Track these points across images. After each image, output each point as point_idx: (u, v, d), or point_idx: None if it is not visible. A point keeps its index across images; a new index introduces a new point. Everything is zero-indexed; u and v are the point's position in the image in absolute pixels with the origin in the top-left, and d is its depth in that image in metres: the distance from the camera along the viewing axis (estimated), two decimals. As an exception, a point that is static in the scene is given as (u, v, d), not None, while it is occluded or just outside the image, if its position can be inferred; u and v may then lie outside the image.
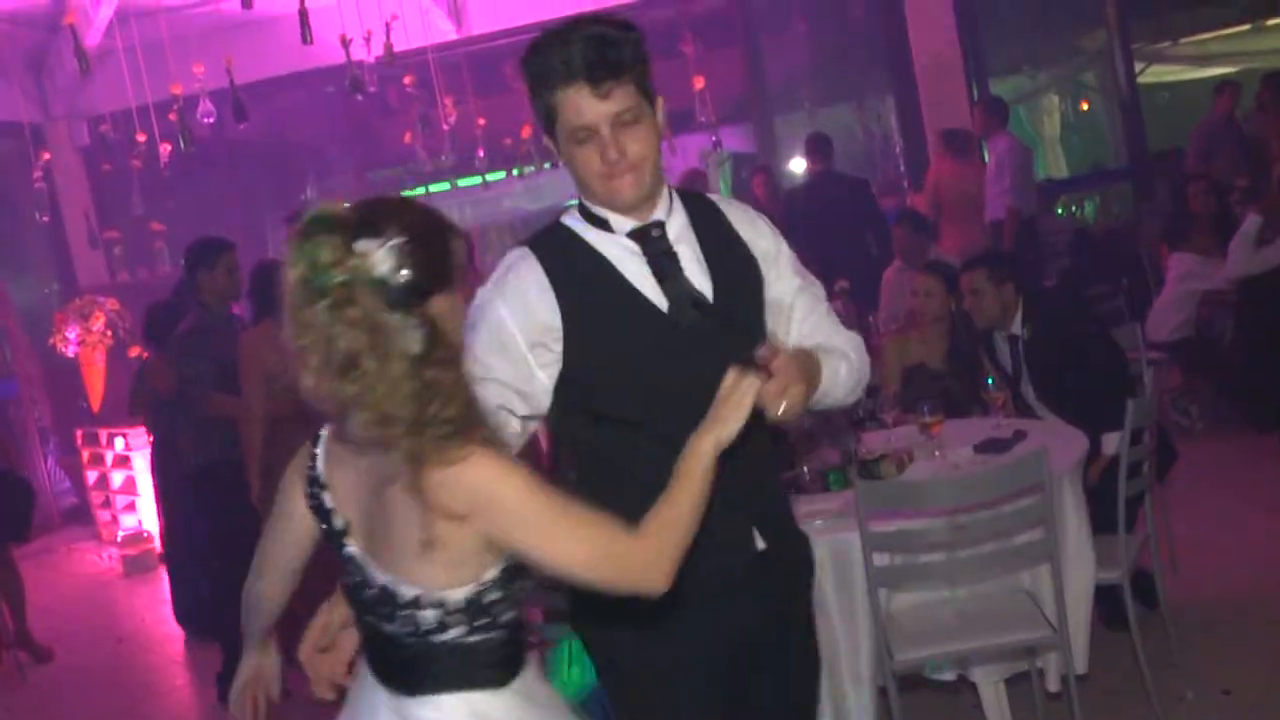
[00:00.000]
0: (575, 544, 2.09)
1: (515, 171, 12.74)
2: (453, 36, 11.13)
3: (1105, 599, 4.46)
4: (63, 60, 11.24)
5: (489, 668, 2.22)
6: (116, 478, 9.78)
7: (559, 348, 2.56)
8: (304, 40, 8.54)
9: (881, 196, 10.60)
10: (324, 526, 2.26)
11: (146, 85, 9.38)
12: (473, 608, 2.15)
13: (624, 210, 2.55)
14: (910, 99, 10.97)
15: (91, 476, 10.17)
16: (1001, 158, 9.03)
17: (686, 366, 2.50)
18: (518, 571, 2.18)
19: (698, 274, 2.59)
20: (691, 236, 2.62)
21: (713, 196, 2.75)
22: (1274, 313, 6.78)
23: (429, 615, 2.15)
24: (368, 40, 9.42)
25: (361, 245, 2.03)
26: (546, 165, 12.61)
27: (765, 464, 2.72)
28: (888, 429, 4.85)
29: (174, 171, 9.92)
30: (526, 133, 11.67)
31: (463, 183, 12.83)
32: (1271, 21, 14.80)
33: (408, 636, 2.17)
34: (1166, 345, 7.39)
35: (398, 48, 9.70)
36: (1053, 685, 4.15)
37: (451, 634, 2.16)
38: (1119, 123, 11.97)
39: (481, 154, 11.33)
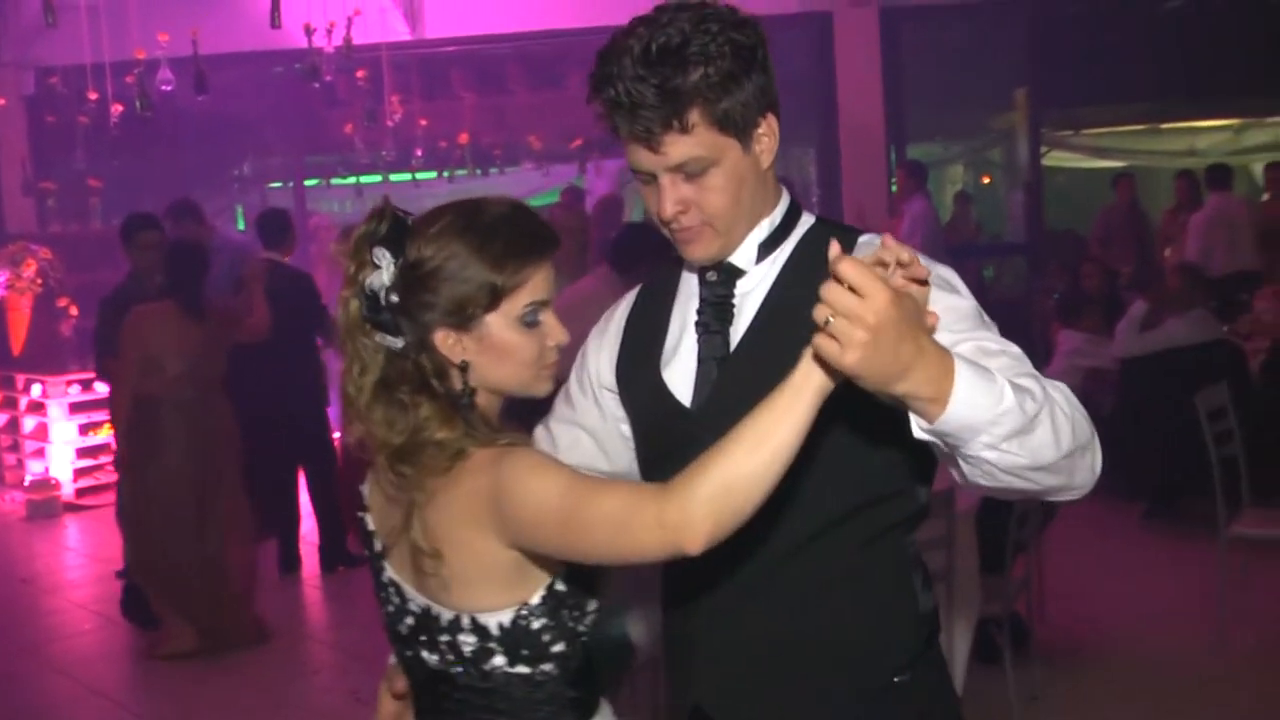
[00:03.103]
0: (595, 524, 1.72)
1: (446, 174, 12.88)
2: (407, 38, 11.26)
3: (978, 636, 4.73)
4: (19, 8, 11.18)
5: (542, 708, 1.94)
6: (28, 423, 9.72)
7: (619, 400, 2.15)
8: (273, 24, 8.67)
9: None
10: (367, 551, 2.04)
11: (105, 45, 9.39)
12: (513, 636, 1.89)
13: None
14: (832, 153, 11.35)
15: (1, 419, 10.10)
16: (915, 218, 9.43)
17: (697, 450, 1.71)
18: (566, 599, 1.90)
19: (753, 339, 1.97)
20: (766, 287, 1.97)
21: (867, 239, 1.96)
22: (1152, 392, 7.16)
23: (469, 641, 1.90)
24: (330, 31, 9.53)
25: (378, 254, 1.90)
26: (478, 171, 12.81)
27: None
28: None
29: (120, 132, 9.93)
30: (464, 139, 11.89)
31: (394, 178, 12.94)
32: (1166, 125, 15.54)
33: (452, 668, 1.94)
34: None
35: (355, 42, 9.82)
36: (931, 705, 4.43)
37: (495, 664, 1.91)
38: (1019, 199, 12.47)
39: (420, 153, 11.52)
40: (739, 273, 1.98)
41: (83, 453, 9.37)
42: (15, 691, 5.84)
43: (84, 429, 9.37)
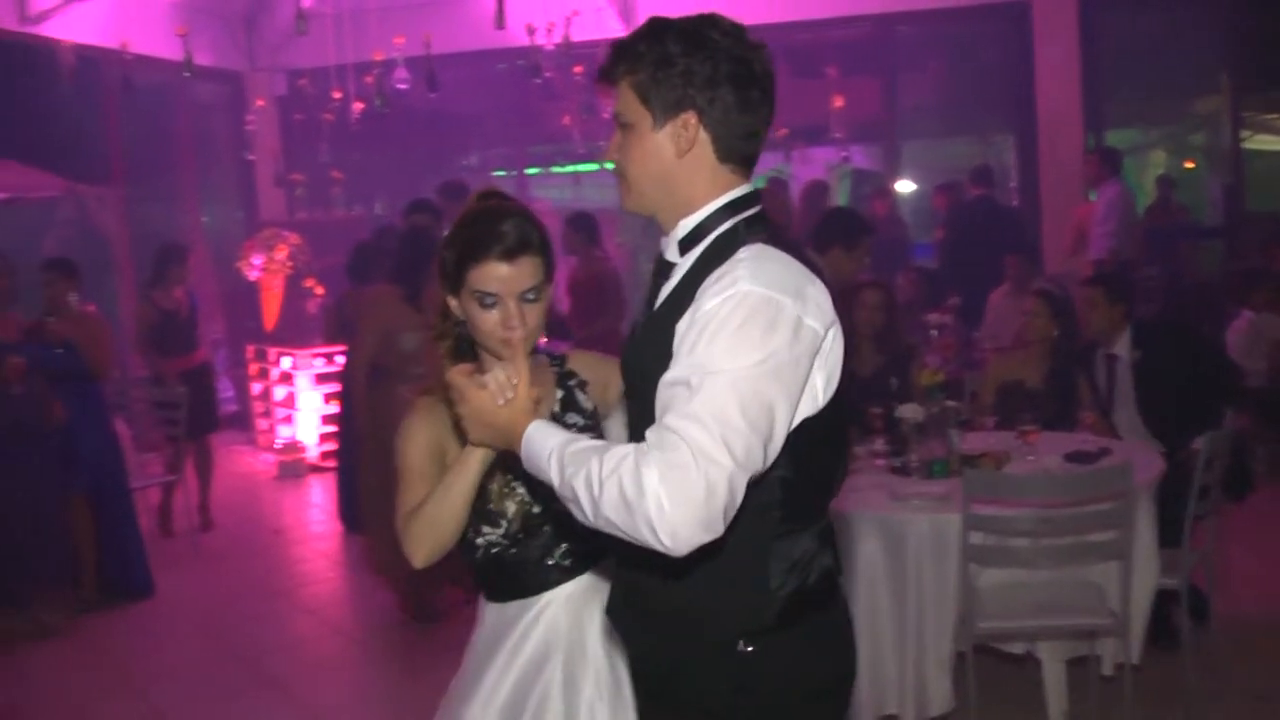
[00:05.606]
0: (399, 507, 2.40)
1: (659, 162, 13.09)
2: (621, 35, 11.49)
3: (1155, 611, 4.64)
4: (273, 17, 11.85)
5: (482, 577, 2.57)
6: (279, 392, 10.32)
7: None
8: (498, 25, 8.99)
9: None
10: None
11: (348, 49, 9.90)
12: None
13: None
14: (1030, 140, 11.19)
15: (255, 388, 10.75)
16: (1110, 203, 9.24)
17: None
18: (472, 519, 2.41)
19: (647, 323, 2.18)
20: (678, 279, 2.12)
21: (744, 252, 2.02)
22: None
23: None
24: (550, 30, 9.84)
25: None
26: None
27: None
28: (987, 431, 5.21)
29: (360, 128, 10.45)
30: (675, 128, 12.07)
31: (610, 165, 13.22)
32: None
33: None
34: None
35: (573, 40, 10.12)
36: (1107, 670, 4.43)
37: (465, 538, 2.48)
38: (1219, 183, 12.09)
39: (634, 144, 11.76)
40: (670, 265, 2.17)
41: (326, 419, 9.90)
42: (270, 626, 6.30)
43: (328, 398, 9.88)
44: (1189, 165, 15.36)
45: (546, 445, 1.98)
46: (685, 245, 2.13)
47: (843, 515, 4.30)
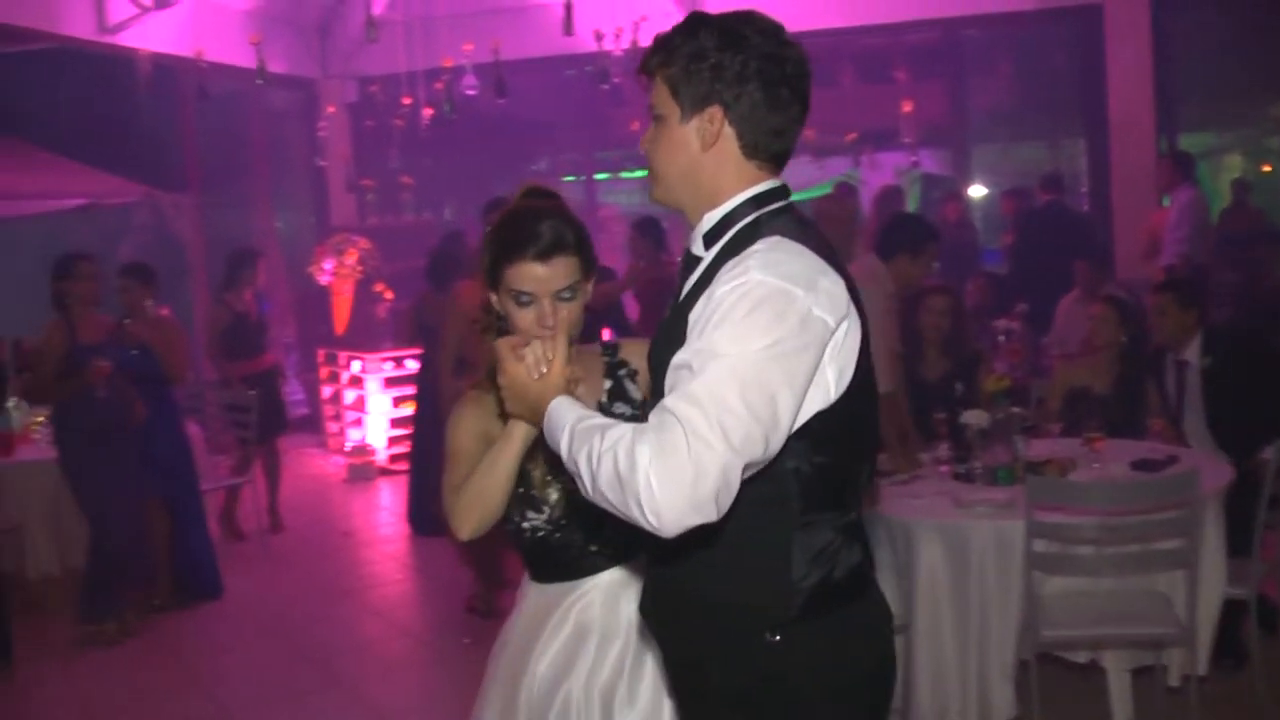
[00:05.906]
0: (445, 483, 2.52)
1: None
2: (687, 40, 11.53)
3: (1223, 620, 4.49)
4: (345, 25, 12.01)
5: (528, 558, 2.68)
6: (349, 395, 10.45)
7: None
8: (565, 31, 9.07)
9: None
10: None
11: (418, 55, 10.02)
12: (505, 514, 2.54)
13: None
14: (1101, 144, 11.05)
15: (326, 392, 10.89)
16: (1183, 208, 9.12)
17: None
18: (520, 501, 2.54)
19: (669, 315, 2.21)
20: (700, 272, 2.13)
21: (761, 243, 2.01)
22: None
23: None
24: (618, 35, 9.90)
25: None
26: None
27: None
28: (1053, 438, 5.18)
29: (430, 134, 10.57)
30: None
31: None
32: None
33: None
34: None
35: (641, 45, 10.17)
36: (1173, 680, 4.38)
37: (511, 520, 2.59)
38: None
39: (703, 148, 11.80)
40: (695, 259, 2.16)
41: (396, 422, 10.01)
42: (338, 628, 6.39)
43: (397, 401, 10.01)
44: (1265, 169, 15.11)
45: (564, 420, 2.03)
46: (710, 239, 2.13)
47: (905, 521, 4.31)
